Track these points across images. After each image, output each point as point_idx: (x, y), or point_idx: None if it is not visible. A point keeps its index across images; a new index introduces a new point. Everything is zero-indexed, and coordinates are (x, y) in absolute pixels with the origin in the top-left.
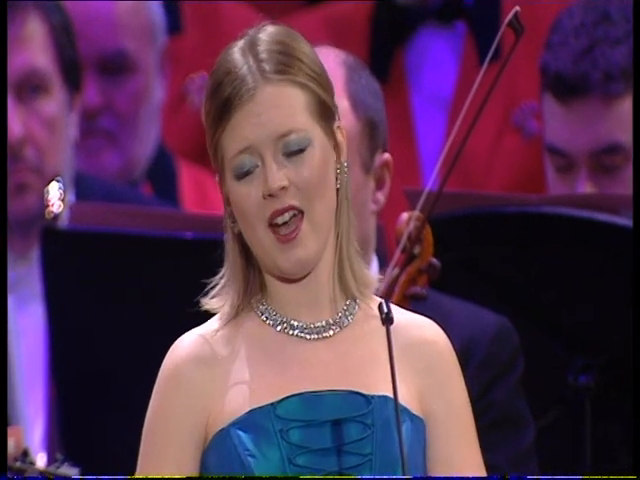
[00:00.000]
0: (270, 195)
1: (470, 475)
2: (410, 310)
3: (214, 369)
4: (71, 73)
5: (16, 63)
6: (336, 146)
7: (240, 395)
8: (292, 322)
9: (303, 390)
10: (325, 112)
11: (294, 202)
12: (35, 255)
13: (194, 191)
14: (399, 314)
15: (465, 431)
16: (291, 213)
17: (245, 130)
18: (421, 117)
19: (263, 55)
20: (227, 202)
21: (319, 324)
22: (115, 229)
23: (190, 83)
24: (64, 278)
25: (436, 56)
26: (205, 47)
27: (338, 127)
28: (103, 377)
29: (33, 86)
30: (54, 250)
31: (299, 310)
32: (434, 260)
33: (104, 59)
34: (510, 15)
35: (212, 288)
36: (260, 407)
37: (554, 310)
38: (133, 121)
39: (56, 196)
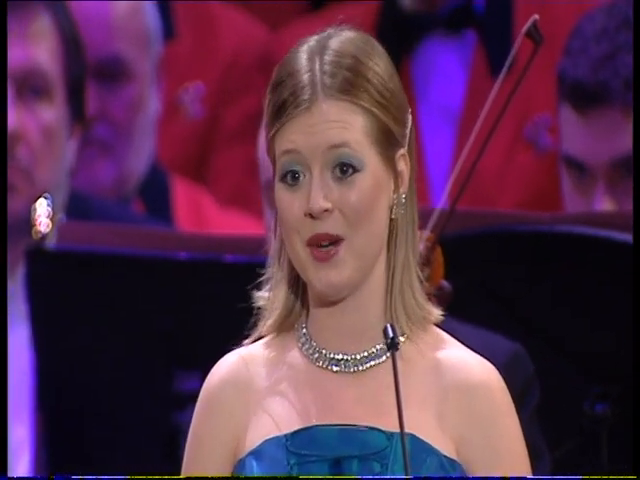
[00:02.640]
0: (311, 215)
1: None
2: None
3: (247, 395)
4: (76, 91)
5: (20, 57)
6: (396, 176)
7: (262, 424)
8: (325, 352)
9: (320, 423)
10: (387, 139)
11: (335, 230)
12: (21, 271)
13: (189, 209)
14: (449, 350)
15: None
16: (330, 242)
17: (293, 134)
18: (428, 131)
19: (328, 67)
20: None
21: (353, 357)
22: (105, 249)
23: (184, 93)
24: (51, 301)
25: (444, 66)
26: (199, 54)
27: (402, 155)
28: (92, 404)
29: (35, 86)
30: (40, 271)
31: (335, 338)
32: (445, 283)
33: (99, 64)
34: (528, 24)
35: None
36: (274, 438)
37: (569, 335)
38: (128, 131)
39: (44, 214)
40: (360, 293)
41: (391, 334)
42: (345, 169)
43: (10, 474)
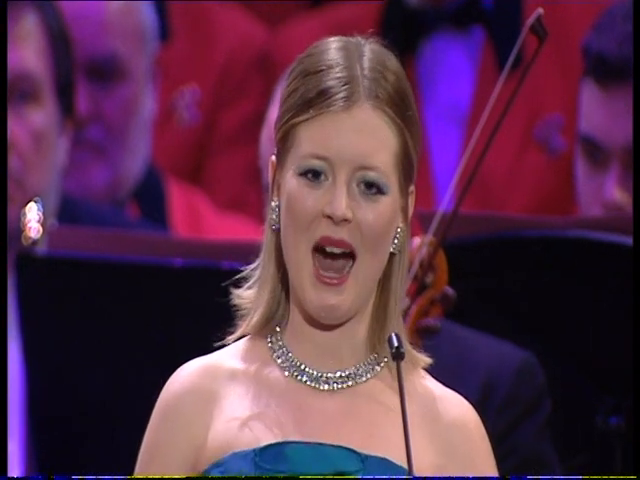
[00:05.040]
0: (330, 218)
1: None
2: (423, 344)
3: (209, 405)
4: (65, 89)
5: (8, 62)
6: (404, 210)
7: (229, 435)
8: (303, 367)
9: (291, 440)
10: (407, 169)
11: (350, 240)
12: (11, 282)
13: (185, 214)
14: (429, 386)
15: None
16: (341, 250)
17: (328, 138)
18: (435, 132)
19: (368, 72)
20: (275, 192)
21: (331, 375)
22: (98, 255)
23: (179, 97)
24: (41, 309)
25: (451, 64)
26: (195, 56)
27: (412, 192)
28: (84, 414)
29: (23, 91)
30: (30, 278)
31: (316, 354)
32: (448, 289)
33: (93, 63)
34: (532, 18)
35: (244, 280)
36: (242, 451)
37: (582, 344)
38: (122, 133)
39: (34, 219)
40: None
41: (396, 343)
42: (370, 191)
43: None
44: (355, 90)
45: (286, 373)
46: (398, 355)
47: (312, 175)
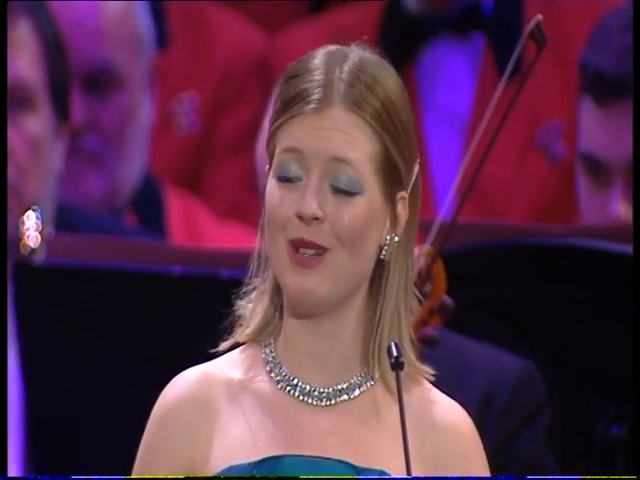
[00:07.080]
0: (301, 218)
1: None
2: (423, 354)
3: (207, 416)
4: (60, 94)
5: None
6: (394, 217)
7: (224, 449)
8: (296, 381)
9: (288, 453)
10: (391, 173)
11: (321, 241)
12: (9, 292)
13: (183, 222)
14: (423, 393)
15: None
16: (313, 252)
17: (298, 132)
18: (435, 139)
19: (346, 76)
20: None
21: (324, 390)
22: (96, 264)
23: (177, 104)
24: (40, 318)
25: (451, 71)
26: (193, 63)
27: (402, 198)
28: (82, 421)
29: (19, 99)
30: (29, 288)
31: (308, 367)
32: (447, 299)
33: (89, 72)
34: (531, 25)
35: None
36: (238, 465)
37: (582, 353)
38: (119, 141)
39: (33, 227)
40: (338, 318)
41: (395, 353)
42: (343, 190)
43: None
44: (328, 93)
45: (279, 387)
46: (397, 365)
47: (287, 177)
